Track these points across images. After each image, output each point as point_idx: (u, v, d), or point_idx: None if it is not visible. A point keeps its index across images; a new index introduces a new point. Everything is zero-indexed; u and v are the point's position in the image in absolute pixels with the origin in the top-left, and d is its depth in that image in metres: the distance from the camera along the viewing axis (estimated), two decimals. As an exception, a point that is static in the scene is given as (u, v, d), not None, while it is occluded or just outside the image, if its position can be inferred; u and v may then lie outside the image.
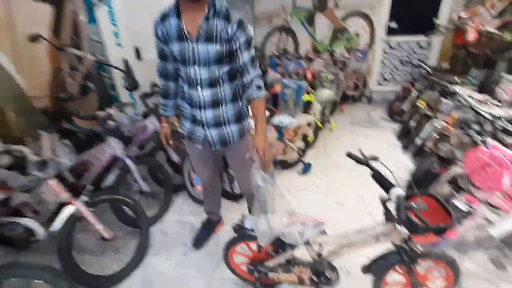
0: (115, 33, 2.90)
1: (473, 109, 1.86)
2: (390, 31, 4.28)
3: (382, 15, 4.22)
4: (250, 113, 1.44)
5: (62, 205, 1.59)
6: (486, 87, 3.04)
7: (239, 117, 1.43)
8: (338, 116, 4.00)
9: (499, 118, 1.77)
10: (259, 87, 1.30)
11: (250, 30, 1.23)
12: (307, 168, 2.61)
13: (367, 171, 1.23)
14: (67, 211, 1.51)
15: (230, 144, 1.45)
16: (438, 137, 2.33)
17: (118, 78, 2.68)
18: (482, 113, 1.78)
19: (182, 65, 1.29)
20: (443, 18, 3.81)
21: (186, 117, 1.48)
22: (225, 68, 1.29)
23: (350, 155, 1.32)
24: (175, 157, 2.34)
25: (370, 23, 4.26)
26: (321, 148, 3.11)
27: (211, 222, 2.02)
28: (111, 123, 1.97)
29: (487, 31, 2.64)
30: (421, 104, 2.91)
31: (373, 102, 4.54)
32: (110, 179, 1.93)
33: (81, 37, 2.22)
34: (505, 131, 1.71)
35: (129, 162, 1.97)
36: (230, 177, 2.25)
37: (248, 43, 1.24)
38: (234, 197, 2.33)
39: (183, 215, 2.25)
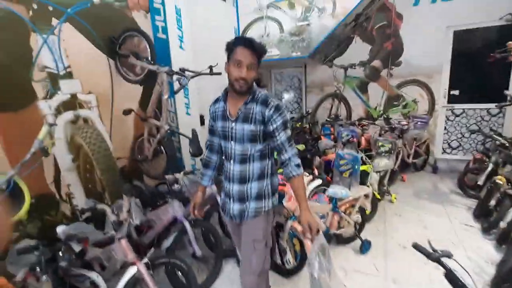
0: (186, 104, 3.39)
1: None
2: (454, 98, 4.11)
3: (442, 83, 4.13)
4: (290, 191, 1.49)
5: (125, 263, 1.70)
6: None
7: (260, 196, 1.47)
8: (399, 186, 3.71)
9: None
10: (297, 165, 1.39)
11: (286, 114, 1.40)
12: (366, 246, 2.38)
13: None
14: (131, 272, 1.61)
15: (245, 219, 1.48)
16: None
17: (184, 143, 3.04)
18: None
19: (222, 140, 1.49)
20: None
21: (223, 189, 1.59)
22: (258, 147, 1.41)
23: (416, 247, 1.19)
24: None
25: (428, 91, 4.19)
26: (381, 223, 2.83)
27: None
28: (176, 186, 2.17)
29: None
30: (501, 180, 2.56)
31: (439, 171, 4.14)
32: (169, 241, 2.04)
33: (162, 110, 2.66)
34: None
35: (187, 225, 2.07)
36: (281, 248, 2.17)
37: (285, 125, 1.37)
38: (284, 272, 2.20)
39: (232, 284, 2.18)
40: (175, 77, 2.67)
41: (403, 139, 3.75)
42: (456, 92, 4.04)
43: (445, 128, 4.25)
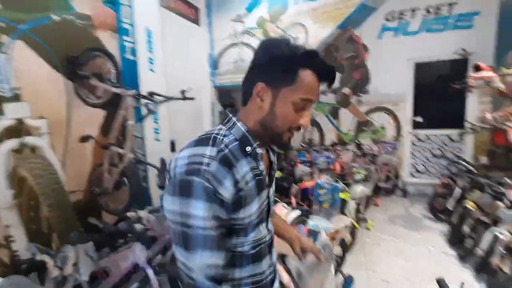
0: (155, 130, 3.15)
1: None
2: (418, 125, 4.36)
3: (407, 110, 4.37)
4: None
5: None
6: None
7: None
8: (373, 211, 3.70)
9: None
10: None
11: None
12: (348, 284, 2.23)
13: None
14: None
15: None
16: (505, 252, 1.98)
17: (152, 172, 2.76)
18: None
19: (253, 231, 0.76)
20: (471, 116, 3.87)
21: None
22: None
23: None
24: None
25: (395, 117, 4.40)
26: (361, 255, 2.72)
27: None
28: (138, 226, 1.89)
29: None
30: (470, 206, 2.63)
31: (409, 195, 4.25)
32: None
33: (127, 137, 2.41)
34: None
35: (150, 273, 1.78)
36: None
37: None
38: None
39: None
40: (143, 101, 2.47)
41: (375, 164, 3.82)
42: (420, 119, 4.28)
43: (411, 153, 4.44)
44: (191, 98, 2.57)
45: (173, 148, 3.46)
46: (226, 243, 0.71)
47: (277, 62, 0.70)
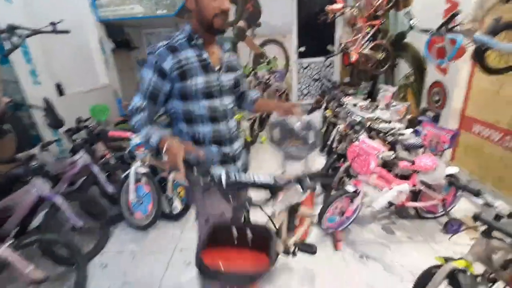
0: (32, 72, 2.84)
1: (351, 114, 2.44)
2: (301, 55, 5.06)
3: (292, 42, 4.97)
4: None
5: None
6: (374, 95, 3.85)
7: None
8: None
9: (371, 120, 2.35)
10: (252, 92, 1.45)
11: None
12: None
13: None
14: (-10, 258, 1.47)
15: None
16: (338, 138, 2.89)
17: (40, 117, 2.62)
18: (353, 117, 2.35)
19: (204, 101, 1.14)
20: (337, 45, 4.72)
21: (206, 160, 1.18)
22: (233, 98, 1.30)
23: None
24: (110, 189, 2.37)
25: (284, 48, 4.97)
26: (256, 162, 3.44)
27: None
28: (34, 163, 1.95)
29: (363, 53, 3.41)
30: (328, 113, 3.53)
31: (297, 114, 5.19)
32: (37, 221, 1.89)
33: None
34: (371, 129, 2.30)
35: (58, 201, 1.95)
36: (168, 198, 2.39)
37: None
38: (173, 217, 2.47)
39: (122, 244, 2.28)
40: (2, 35, 2.17)
41: (267, 92, 4.43)
42: (303, 49, 4.97)
43: (298, 79, 5.25)
44: (66, 31, 2.40)
45: (61, 92, 3.21)
46: (157, 101, 1.14)
47: None
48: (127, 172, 2.29)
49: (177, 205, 2.46)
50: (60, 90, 3.22)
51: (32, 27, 2.29)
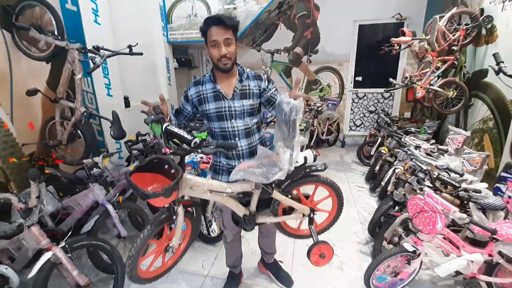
0: (106, 85, 3.19)
1: (414, 159, 2.16)
2: (358, 84, 4.85)
3: (349, 70, 4.81)
4: None
5: (39, 252, 1.65)
6: (439, 136, 3.44)
7: None
8: (314, 159, 4.28)
9: (438, 168, 2.06)
10: None
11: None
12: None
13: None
14: (45, 257, 1.57)
15: None
16: (396, 181, 2.60)
17: (107, 126, 2.90)
18: (418, 163, 2.07)
19: (216, 122, 1.48)
20: (400, 77, 4.41)
21: (222, 170, 1.59)
22: (254, 120, 1.52)
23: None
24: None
25: (339, 76, 4.83)
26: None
27: (235, 275, 2.02)
28: (95, 170, 2.12)
29: (432, 89, 3.10)
30: (383, 150, 3.24)
31: (347, 146, 4.91)
32: (89, 224, 2.02)
33: (76, 91, 2.46)
34: (439, 179, 2.00)
35: (109, 208, 2.07)
36: (207, 220, 2.38)
37: (276, 88, 1.56)
38: (210, 240, 2.43)
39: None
40: (90, 55, 2.48)
41: (318, 118, 4.30)
42: (360, 79, 4.78)
43: (351, 109, 5.01)
44: (139, 53, 2.64)
45: (127, 104, 3.53)
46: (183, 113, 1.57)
47: (201, 34, 1.39)
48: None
49: (215, 228, 2.43)
50: (126, 102, 3.55)
51: (113, 48, 2.58)
